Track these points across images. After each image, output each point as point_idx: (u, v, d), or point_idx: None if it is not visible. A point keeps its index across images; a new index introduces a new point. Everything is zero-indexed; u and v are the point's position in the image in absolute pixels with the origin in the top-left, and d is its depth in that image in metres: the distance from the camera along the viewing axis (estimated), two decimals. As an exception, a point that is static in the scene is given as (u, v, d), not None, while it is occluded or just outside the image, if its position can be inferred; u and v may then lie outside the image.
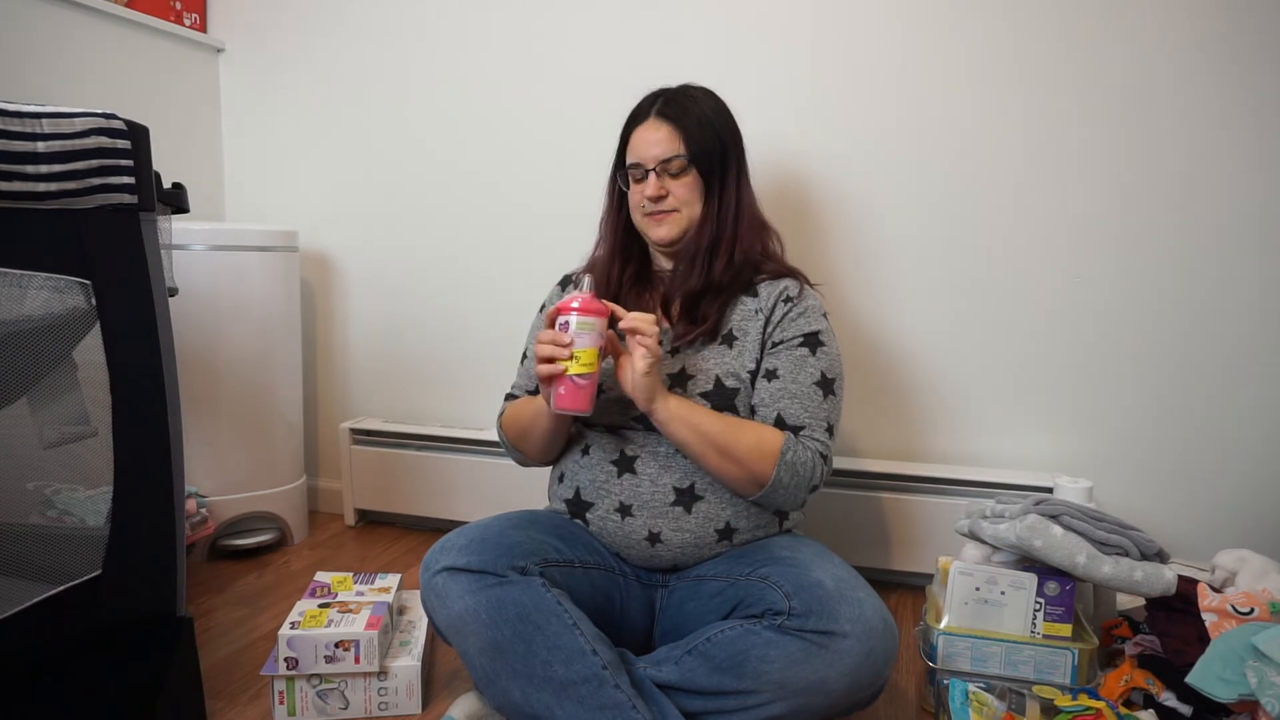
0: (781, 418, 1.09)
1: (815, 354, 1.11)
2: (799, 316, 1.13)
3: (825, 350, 1.12)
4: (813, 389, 1.10)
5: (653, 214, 1.15)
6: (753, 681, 0.93)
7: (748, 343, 1.13)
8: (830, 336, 1.15)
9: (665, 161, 1.13)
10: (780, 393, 1.09)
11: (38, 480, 0.96)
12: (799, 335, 1.12)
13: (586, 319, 1.00)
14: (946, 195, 1.55)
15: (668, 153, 1.13)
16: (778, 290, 1.15)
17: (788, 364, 1.11)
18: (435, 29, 1.81)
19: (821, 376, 1.11)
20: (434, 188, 1.86)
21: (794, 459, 1.05)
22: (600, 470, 1.13)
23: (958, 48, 1.51)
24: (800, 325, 1.13)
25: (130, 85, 1.76)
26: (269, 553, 1.75)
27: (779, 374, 1.10)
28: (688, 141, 1.13)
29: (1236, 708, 0.98)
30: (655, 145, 1.14)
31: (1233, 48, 1.39)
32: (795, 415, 1.09)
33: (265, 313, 1.69)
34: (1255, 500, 1.47)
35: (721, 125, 1.16)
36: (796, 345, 1.11)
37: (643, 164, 1.15)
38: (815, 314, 1.15)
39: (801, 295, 1.15)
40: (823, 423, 1.09)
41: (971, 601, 1.14)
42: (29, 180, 0.83)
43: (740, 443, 1.04)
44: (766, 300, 1.15)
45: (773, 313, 1.14)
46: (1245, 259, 1.43)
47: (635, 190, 1.17)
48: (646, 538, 1.10)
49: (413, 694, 1.16)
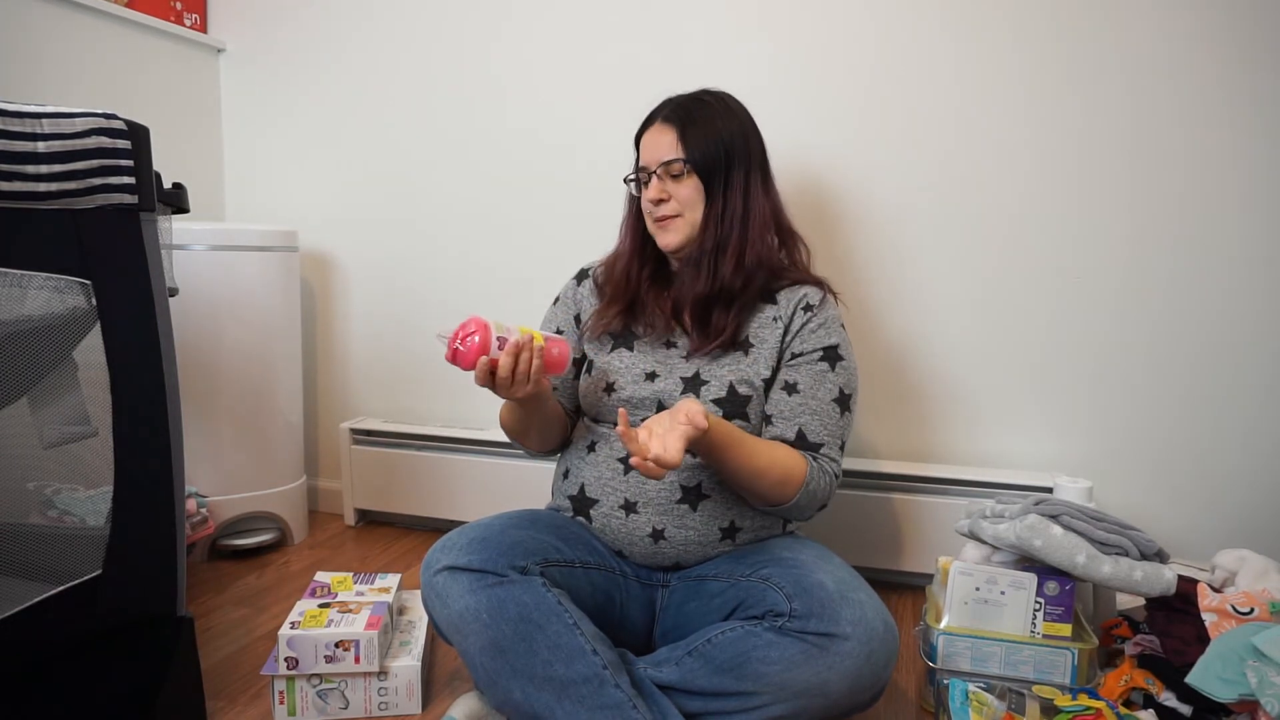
0: (803, 433, 1.09)
1: (834, 369, 1.12)
2: (819, 328, 1.13)
3: (844, 365, 1.13)
4: (831, 406, 1.11)
5: (658, 219, 1.15)
6: (753, 683, 0.93)
7: (764, 350, 1.13)
8: (848, 349, 1.15)
9: (667, 164, 1.13)
10: (800, 408, 1.10)
11: (38, 480, 0.96)
12: (818, 349, 1.12)
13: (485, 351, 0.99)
14: (951, 197, 1.55)
15: (667, 155, 1.13)
16: (797, 298, 1.15)
17: (808, 379, 1.11)
18: (435, 29, 1.81)
19: (840, 393, 1.11)
20: (435, 187, 1.86)
21: (815, 487, 1.06)
22: (606, 467, 1.14)
23: (967, 51, 1.51)
24: (820, 337, 1.12)
25: (130, 85, 1.76)
26: (269, 553, 1.75)
27: (799, 389, 1.11)
28: (687, 146, 1.12)
29: (1236, 708, 0.98)
30: (658, 149, 1.15)
31: (1244, 45, 1.39)
32: (816, 432, 1.09)
33: (265, 313, 1.69)
34: (1255, 500, 1.47)
35: (729, 129, 1.14)
36: (817, 359, 1.12)
37: (647, 167, 1.16)
38: (834, 325, 1.14)
39: (822, 305, 1.15)
40: (838, 440, 1.11)
41: (971, 601, 1.14)
42: (29, 180, 0.83)
43: (768, 477, 1.04)
44: (786, 308, 1.15)
45: (791, 321, 1.14)
46: (1246, 259, 1.43)
47: (643, 196, 1.17)
48: (650, 535, 1.10)
49: (413, 694, 1.16)
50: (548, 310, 1.31)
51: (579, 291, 1.27)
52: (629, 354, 1.18)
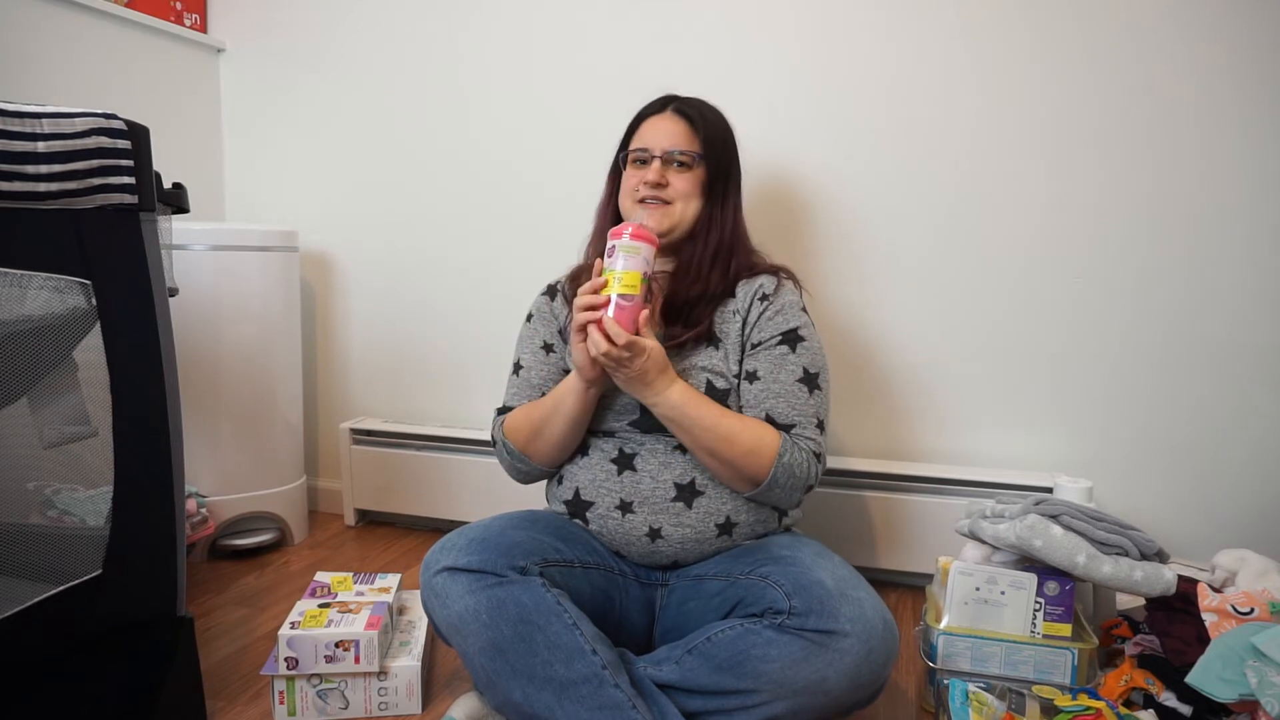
0: (770, 417, 1.09)
1: (795, 350, 1.11)
2: (775, 315, 1.13)
3: (805, 345, 1.12)
4: (796, 386, 1.10)
5: (646, 200, 1.15)
6: (753, 681, 0.93)
7: (729, 344, 1.13)
8: (810, 330, 1.14)
9: (677, 153, 1.14)
10: (764, 393, 1.10)
11: (38, 480, 0.96)
12: (776, 334, 1.12)
13: (635, 244, 1.00)
14: (947, 194, 1.55)
15: (680, 145, 1.14)
16: (753, 289, 1.16)
17: (767, 364, 1.11)
18: (435, 29, 1.81)
19: (804, 373, 1.11)
20: (434, 187, 1.86)
21: (790, 461, 1.05)
22: (600, 469, 1.13)
23: (953, 43, 1.51)
24: (778, 324, 1.12)
25: (130, 85, 1.76)
26: (269, 553, 1.75)
27: (759, 375, 1.11)
28: (703, 140, 1.15)
29: (1236, 708, 0.98)
30: (667, 136, 1.15)
31: (1223, 39, 1.39)
32: (784, 414, 1.09)
33: (265, 313, 1.69)
34: (1255, 500, 1.47)
35: (731, 142, 1.20)
36: (775, 344, 1.12)
37: (650, 150, 1.15)
38: (793, 310, 1.14)
39: (778, 292, 1.15)
40: (813, 419, 1.10)
41: (971, 601, 1.14)
42: (29, 180, 0.83)
43: (737, 443, 1.04)
44: (743, 300, 1.15)
45: (749, 313, 1.14)
46: (1246, 259, 1.43)
47: (634, 174, 1.16)
48: (647, 534, 1.10)
49: (413, 694, 1.16)
50: (523, 328, 1.27)
51: (553, 306, 1.25)
52: None
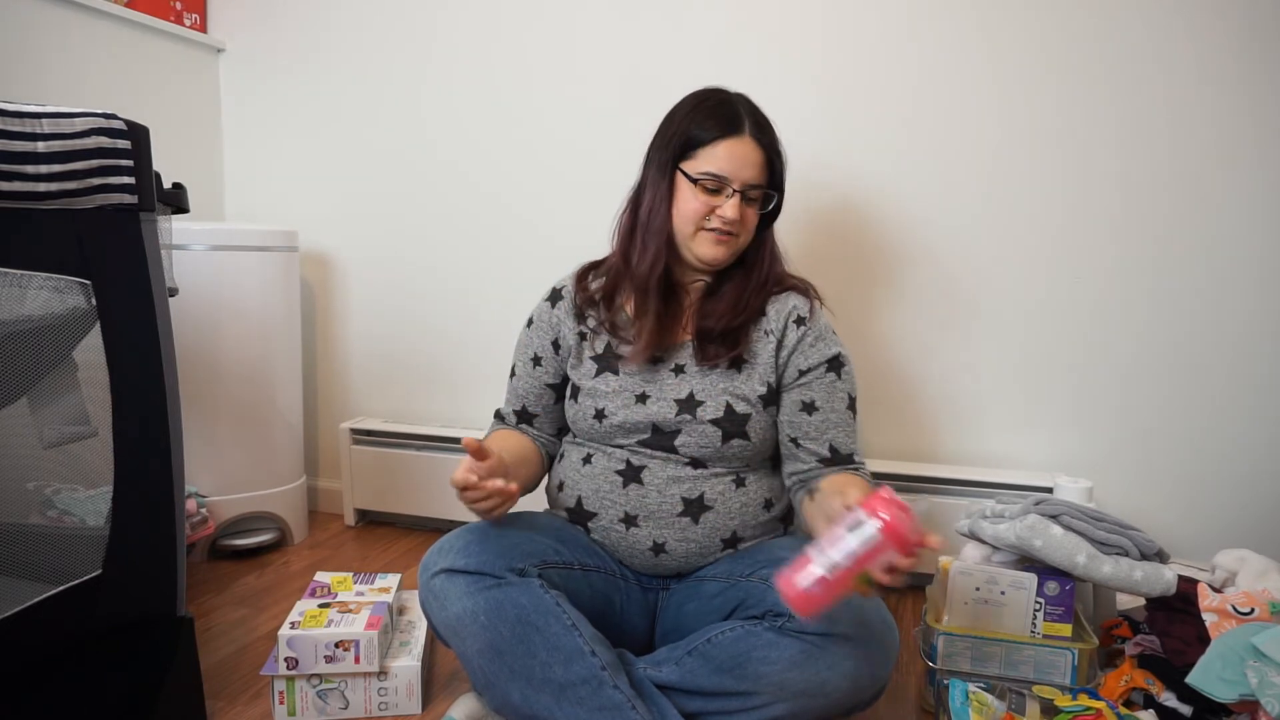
0: (834, 449, 1.10)
1: (840, 376, 1.13)
2: (818, 340, 1.12)
3: (847, 371, 1.14)
4: (847, 414, 1.12)
5: (720, 234, 1.08)
6: (753, 683, 0.93)
7: (759, 365, 1.11)
8: (846, 353, 1.15)
9: (753, 188, 1.08)
10: (825, 424, 1.11)
11: (38, 480, 0.96)
12: (823, 362, 1.12)
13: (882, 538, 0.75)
14: (946, 194, 1.55)
15: (757, 179, 1.08)
16: (786, 310, 1.13)
17: (823, 394, 1.11)
18: (435, 29, 1.81)
19: (849, 399, 1.13)
20: (434, 188, 1.86)
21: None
22: (604, 480, 1.12)
23: (963, 46, 1.51)
24: (821, 350, 1.12)
25: (130, 85, 1.76)
26: (269, 553, 1.75)
27: (818, 406, 1.11)
28: (773, 175, 1.11)
29: (1236, 708, 0.98)
30: (749, 168, 1.07)
31: (1233, 41, 1.39)
32: (844, 444, 1.11)
33: (265, 313, 1.69)
34: (1256, 500, 1.47)
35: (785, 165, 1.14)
36: (824, 372, 1.12)
37: (729, 181, 1.06)
38: (830, 333, 1.14)
39: (813, 315, 1.13)
40: (859, 444, 1.13)
41: (971, 601, 1.14)
42: (29, 180, 0.83)
43: None
44: (776, 321, 1.13)
45: (784, 335, 1.12)
46: (1246, 259, 1.43)
47: (703, 199, 1.06)
48: (651, 548, 1.10)
49: (413, 694, 1.16)
50: (521, 334, 1.23)
51: (554, 314, 1.19)
52: (615, 377, 1.12)
